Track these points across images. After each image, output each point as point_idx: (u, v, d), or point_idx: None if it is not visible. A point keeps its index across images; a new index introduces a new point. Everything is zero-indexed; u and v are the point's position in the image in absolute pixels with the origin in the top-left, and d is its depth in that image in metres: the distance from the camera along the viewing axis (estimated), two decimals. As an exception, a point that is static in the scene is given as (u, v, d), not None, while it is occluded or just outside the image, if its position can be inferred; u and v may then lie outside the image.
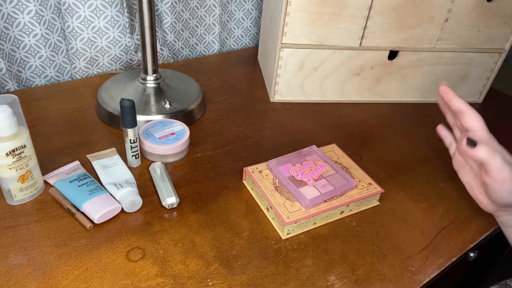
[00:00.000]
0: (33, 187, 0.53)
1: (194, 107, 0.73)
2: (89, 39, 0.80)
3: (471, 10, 0.75)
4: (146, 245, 0.49)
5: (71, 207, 0.52)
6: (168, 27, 0.88)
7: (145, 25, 0.67)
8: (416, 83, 0.83)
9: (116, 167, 0.59)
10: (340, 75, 0.79)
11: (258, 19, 1.01)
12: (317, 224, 0.54)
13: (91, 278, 0.45)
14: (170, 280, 0.46)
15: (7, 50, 0.74)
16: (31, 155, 0.52)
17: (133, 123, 0.57)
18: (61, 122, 0.69)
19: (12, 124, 0.48)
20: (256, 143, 0.69)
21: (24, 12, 0.73)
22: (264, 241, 0.52)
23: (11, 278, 0.44)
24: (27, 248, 0.48)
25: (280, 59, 0.75)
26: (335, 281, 0.47)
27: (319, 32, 0.73)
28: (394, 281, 0.48)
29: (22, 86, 0.80)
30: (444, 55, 0.80)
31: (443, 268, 0.51)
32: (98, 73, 0.85)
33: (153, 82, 0.73)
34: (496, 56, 0.81)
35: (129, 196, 0.53)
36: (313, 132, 0.73)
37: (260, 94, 0.83)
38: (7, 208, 0.52)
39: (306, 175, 0.57)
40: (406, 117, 0.81)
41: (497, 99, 0.90)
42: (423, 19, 0.74)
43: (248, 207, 0.56)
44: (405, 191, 0.62)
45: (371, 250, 0.52)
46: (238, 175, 0.62)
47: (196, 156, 0.65)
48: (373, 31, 0.74)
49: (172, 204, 0.54)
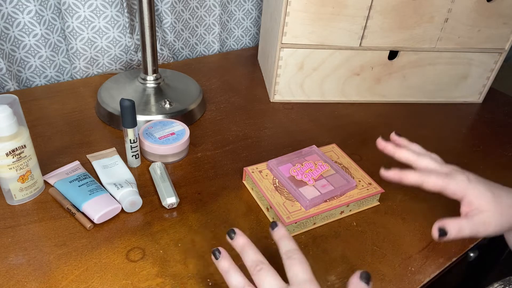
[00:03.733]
0: (33, 187, 0.53)
1: (194, 107, 0.73)
2: (89, 39, 0.80)
3: (471, 10, 0.75)
4: (146, 245, 0.49)
5: (71, 207, 0.52)
6: (168, 27, 0.88)
7: (145, 25, 0.67)
8: (416, 83, 0.83)
9: (116, 167, 0.59)
10: (340, 75, 0.79)
11: (258, 19, 1.01)
12: (317, 224, 0.54)
13: (91, 278, 0.45)
14: (170, 280, 0.46)
15: (7, 50, 0.74)
16: (31, 155, 0.52)
17: (133, 123, 0.57)
18: (61, 122, 0.69)
19: (12, 124, 0.48)
20: (256, 143, 0.69)
21: (24, 12, 0.73)
22: (264, 241, 0.52)
23: (11, 278, 0.44)
24: (27, 248, 0.48)
25: (280, 59, 0.75)
26: (335, 281, 0.47)
27: (319, 32, 0.73)
28: (394, 281, 0.48)
29: (22, 86, 0.80)
30: (444, 55, 0.80)
31: (443, 268, 0.51)
32: (98, 73, 0.85)
33: (153, 82, 0.73)
34: (496, 56, 0.81)
35: (129, 196, 0.53)
36: (313, 132, 0.73)
37: (260, 94, 0.83)
38: (7, 208, 0.52)
39: (306, 175, 0.57)
40: (406, 117, 0.81)
41: (497, 99, 0.90)
42: (423, 19, 0.74)
43: (248, 207, 0.56)
44: (405, 191, 0.62)
45: (371, 250, 0.52)
46: (238, 175, 0.62)
47: (196, 156, 0.65)
48: (373, 31, 0.74)
49: (172, 204, 0.54)
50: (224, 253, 0.41)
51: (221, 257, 0.40)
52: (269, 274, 0.38)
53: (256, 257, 0.40)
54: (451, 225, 0.47)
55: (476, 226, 0.46)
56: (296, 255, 0.39)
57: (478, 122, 0.82)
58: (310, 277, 0.37)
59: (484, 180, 0.49)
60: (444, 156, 0.70)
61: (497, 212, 0.46)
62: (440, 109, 0.84)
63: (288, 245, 0.40)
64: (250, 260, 0.39)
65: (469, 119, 0.83)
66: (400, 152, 0.51)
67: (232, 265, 0.40)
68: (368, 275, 0.37)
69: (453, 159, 0.70)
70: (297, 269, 0.38)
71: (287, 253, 0.39)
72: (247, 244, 0.41)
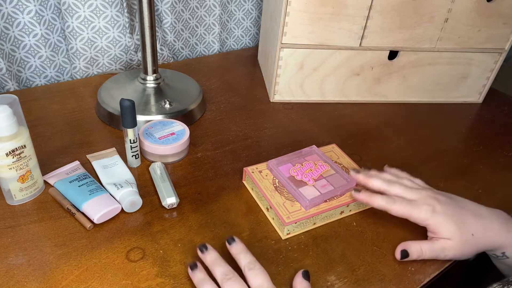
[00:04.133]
0: (33, 187, 0.53)
1: (194, 107, 0.73)
2: (89, 39, 0.80)
3: (471, 10, 0.75)
4: (146, 245, 0.49)
5: (71, 207, 0.52)
6: (168, 27, 0.88)
7: (145, 25, 0.67)
8: (416, 83, 0.83)
9: (116, 167, 0.59)
10: (340, 75, 0.79)
11: (258, 19, 1.01)
12: (317, 224, 0.54)
13: (91, 278, 0.45)
14: (170, 280, 0.46)
15: (7, 50, 0.74)
16: (31, 155, 0.52)
17: (133, 123, 0.57)
18: (61, 122, 0.69)
19: (12, 124, 0.48)
20: (256, 143, 0.69)
21: (24, 12, 0.73)
22: (264, 241, 0.52)
23: (11, 278, 0.44)
24: (27, 248, 0.48)
25: (280, 59, 0.75)
26: (335, 281, 0.47)
27: (319, 32, 0.73)
28: (394, 281, 0.48)
29: (22, 86, 0.80)
30: (444, 55, 0.80)
31: (443, 268, 0.51)
32: (98, 73, 0.85)
33: (153, 82, 0.73)
34: (496, 56, 0.81)
35: (129, 196, 0.53)
36: (313, 132, 0.73)
37: (260, 94, 0.83)
38: (7, 208, 0.52)
39: (306, 175, 0.57)
40: (406, 117, 0.81)
41: (497, 99, 0.90)
42: (423, 19, 0.74)
43: (248, 207, 0.56)
44: (405, 191, 0.62)
45: (371, 250, 0.52)
46: (238, 175, 0.62)
47: (196, 156, 0.65)
48: (373, 31, 0.74)
49: (172, 204, 0.54)
50: (200, 266, 0.44)
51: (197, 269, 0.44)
52: (238, 283, 0.41)
53: (227, 268, 0.43)
54: (412, 247, 0.50)
55: (436, 252, 0.49)
56: (257, 266, 0.43)
57: (478, 122, 0.82)
58: (272, 287, 0.41)
59: (453, 208, 0.50)
60: (444, 156, 0.70)
61: (459, 240, 0.48)
62: (440, 109, 0.84)
63: (247, 258, 0.44)
64: (220, 271, 0.43)
65: (469, 119, 0.83)
66: (372, 181, 0.53)
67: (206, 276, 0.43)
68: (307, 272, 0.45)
69: (453, 159, 0.70)
70: (261, 279, 0.41)
71: (248, 265, 0.43)
72: (218, 258, 0.44)
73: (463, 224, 0.48)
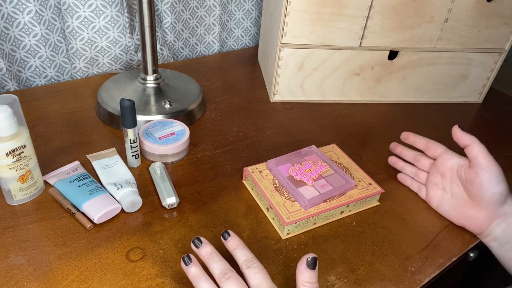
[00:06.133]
0: (33, 187, 0.53)
1: (194, 107, 0.73)
2: (89, 39, 0.80)
3: (471, 10, 0.75)
4: (146, 245, 0.49)
5: (71, 207, 0.52)
6: (168, 27, 0.88)
7: (145, 25, 0.67)
8: (416, 83, 0.83)
9: (116, 167, 0.59)
10: (340, 75, 0.79)
11: (258, 19, 1.01)
12: (317, 224, 0.54)
13: (91, 278, 0.45)
14: (170, 280, 0.46)
15: (7, 50, 0.74)
16: (31, 155, 0.52)
17: (133, 123, 0.57)
18: (61, 122, 0.69)
19: (12, 124, 0.48)
20: (256, 143, 0.69)
21: (24, 12, 0.73)
22: (264, 241, 0.52)
23: (11, 278, 0.44)
24: (27, 248, 0.48)
25: (280, 59, 0.75)
26: (335, 281, 0.47)
27: (319, 32, 0.73)
28: (394, 281, 0.48)
29: (22, 86, 0.80)
30: (444, 55, 0.80)
31: (443, 268, 0.51)
32: (98, 73, 0.85)
33: (153, 82, 0.73)
34: (496, 56, 0.81)
35: (129, 196, 0.53)
36: (313, 132, 0.73)
37: (260, 94, 0.83)
38: (7, 208, 0.52)
39: (305, 175, 0.57)
40: (406, 117, 0.81)
41: (497, 99, 0.90)
42: (423, 19, 0.74)
43: (248, 207, 0.56)
44: (405, 191, 0.62)
45: (371, 250, 0.52)
46: (238, 175, 0.62)
47: (196, 156, 0.65)
48: (373, 31, 0.74)
49: (172, 204, 0.54)
50: (194, 260, 0.42)
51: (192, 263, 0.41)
52: (238, 283, 0.39)
53: (224, 265, 0.41)
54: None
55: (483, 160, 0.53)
56: (255, 263, 0.41)
57: (478, 122, 0.82)
58: (272, 285, 0.39)
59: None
60: (444, 156, 0.70)
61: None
62: (440, 109, 0.84)
63: (245, 254, 0.42)
64: (218, 268, 0.40)
65: (469, 119, 0.83)
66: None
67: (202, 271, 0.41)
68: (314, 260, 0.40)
69: (453, 159, 0.70)
70: (260, 277, 0.39)
71: (246, 262, 0.41)
72: (214, 253, 0.42)
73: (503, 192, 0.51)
